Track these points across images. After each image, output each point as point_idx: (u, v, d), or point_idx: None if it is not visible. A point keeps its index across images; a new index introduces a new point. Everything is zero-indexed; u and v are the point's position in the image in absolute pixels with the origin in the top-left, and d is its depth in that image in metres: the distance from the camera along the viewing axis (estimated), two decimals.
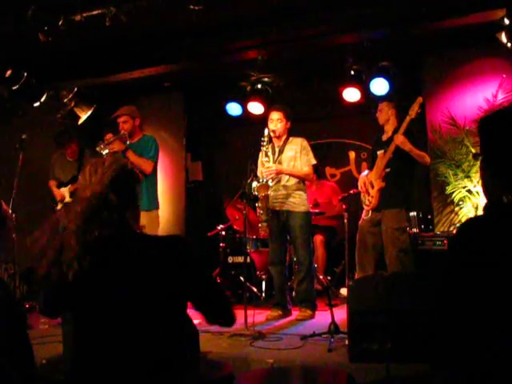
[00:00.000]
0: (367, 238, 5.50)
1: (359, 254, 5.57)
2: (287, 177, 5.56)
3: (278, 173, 5.46)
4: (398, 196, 5.39)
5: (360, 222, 5.68)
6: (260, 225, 5.52)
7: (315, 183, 7.50)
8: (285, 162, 5.57)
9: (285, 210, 5.54)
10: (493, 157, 1.80)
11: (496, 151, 1.78)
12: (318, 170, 7.38)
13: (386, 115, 5.62)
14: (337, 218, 7.24)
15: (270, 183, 5.37)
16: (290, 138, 5.69)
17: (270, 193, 5.48)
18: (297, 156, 5.60)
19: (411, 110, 5.33)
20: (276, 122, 5.59)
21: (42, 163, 7.15)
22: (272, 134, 5.55)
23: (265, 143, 5.48)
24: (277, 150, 5.66)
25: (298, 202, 5.53)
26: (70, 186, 6.73)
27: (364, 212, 5.66)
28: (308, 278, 5.51)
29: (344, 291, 6.31)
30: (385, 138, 5.66)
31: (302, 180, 5.62)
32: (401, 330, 3.26)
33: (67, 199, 6.69)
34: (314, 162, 5.63)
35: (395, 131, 5.44)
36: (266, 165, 5.46)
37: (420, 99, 5.36)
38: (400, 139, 5.27)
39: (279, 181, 5.57)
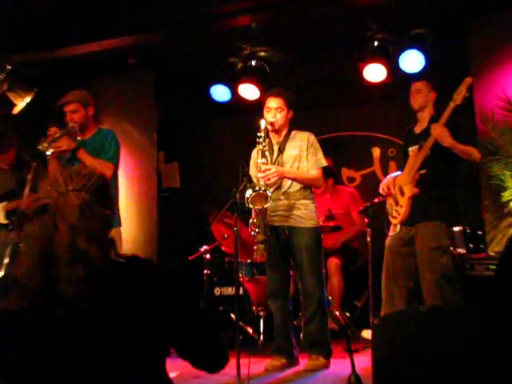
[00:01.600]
0: (396, 262, 5.47)
1: (386, 282, 5.53)
2: (289, 182, 5.52)
3: (280, 176, 5.42)
4: (436, 206, 5.36)
5: (387, 240, 5.65)
6: (255, 246, 5.48)
7: (329, 190, 7.48)
8: (287, 164, 5.53)
9: (287, 225, 5.50)
10: None
11: None
12: (333, 173, 7.38)
13: (424, 98, 5.57)
14: (357, 236, 7.22)
15: (270, 193, 5.31)
16: (293, 133, 5.65)
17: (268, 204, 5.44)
18: (302, 155, 5.56)
19: (456, 93, 5.27)
20: (274, 111, 5.56)
21: None
22: (270, 127, 5.52)
23: (261, 139, 5.44)
24: (276, 148, 5.62)
25: (304, 214, 5.50)
26: (5, 203, 6.65)
27: (391, 227, 5.62)
28: (319, 314, 5.47)
29: (367, 333, 6.26)
30: (419, 129, 5.64)
31: (308, 186, 5.59)
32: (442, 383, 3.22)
33: (1, 220, 6.62)
34: (324, 163, 5.59)
35: (433, 120, 5.41)
36: (263, 168, 5.41)
37: (468, 79, 5.31)
38: (438, 130, 5.23)
39: (279, 187, 5.53)
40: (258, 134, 5.41)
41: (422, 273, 5.30)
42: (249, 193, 5.21)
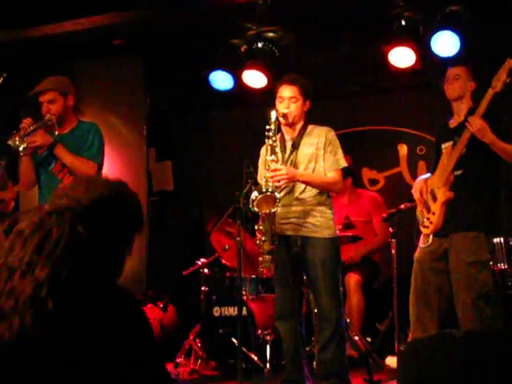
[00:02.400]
0: (427, 279, 5.46)
1: (415, 302, 5.52)
2: (303, 185, 5.51)
3: (291, 179, 5.40)
4: (474, 213, 5.32)
5: (416, 253, 5.63)
6: (261, 258, 5.48)
7: (348, 193, 7.48)
8: (301, 165, 5.52)
9: (300, 235, 5.49)
10: None
11: None
12: (352, 173, 7.38)
13: (462, 87, 5.53)
14: (380, 248, 7.23)
15: (278, 195, 5.31)
16: (310, 127, 5.63)
17: (278, 209, 5.44)
18: (319, 154, 5.53)
19: (496, 79, 5.23)
20: (288, 101, 5.54)
21: None
22: (282, 120, 5.50)
23: (271, 133, 5.42)
24: (289, 144, 5.60)
25: (320, 223, 5.48)
26: None
27: (422, 238, 5.60)
28: (336, 339, 5.45)
29: (392, 361, 6.25)
30: (454, 123, 5.60)
31: (325, 191, 5.59)
32: None
33: None
34: (343, 164, 5.57)
35: (470, 113, 5.39)
36: (272, 166, 5.40)
37: (510, 62, 5.29)
38: (477, 125, 5.20)
39: (291, 191, 5.52)
40: (268, 127, 5.37)
41: (456, 292, 5.26)
42: (254, 195, 5.18)
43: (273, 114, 5.37)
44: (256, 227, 5.41)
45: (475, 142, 5.23)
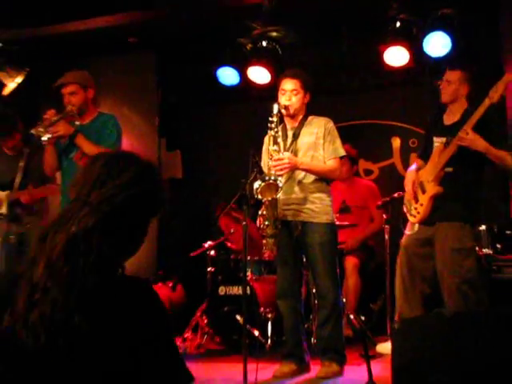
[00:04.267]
0: (412, 263, 5.50)
1: (401, 285, 5.56)
2: (303, 173, 5.50)
3: (292, 167, 5.40)
4: (461, 206, 5.36)
5: (402, 239, 5.66)
6: (265, 241, 5.49)
7: (346, 180, 7.51)
8: (300, 152, 5.53)
9: (300, 220, 5.51)
10: None
11: None
12: (355, 161, 7.57)
13: (455, 91, 5.50)
14: (375, 234, 7.25)
15: (280, 183, 5.31)
16: (310, 118, 5.65)
17: (280, 196, 5.44)
18: (318, 143, 5.55)
19: (493, 90, 5.17)
20: (290, 93, 5.55)
21: None
22: (284, 112, 5.51)
23: (273, 125, 5.42)
24: (290, 133, 5.61)
25: (319, 209, 5.49)
26: (8, 192, 6.68)
27: (408, 225, 5.62)
28: (333, 318, 5.48)
29: (383, 347, 6.11)
30: (449, 121, 5.59)
31: (324, 178, 5.59)
32: None
33: (3, 210, 6.64)
34: (342, 152, 5.58)
35: (466, 115, 5.37)
36: (275, 156, 5.40)
37: (509, 77, 5.25)
38: (467, 140, 5.13)
39: (292, 178, 5.53)
40: (270, 119, 5.39)
41: (441, 277, 5.30)
42: (258, 183, 5.19)
43: (275, 108, 5.40)
44: (259, 212, 5.44)
45: (466, 147, 5.23)
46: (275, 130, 5.40)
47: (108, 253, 1.99)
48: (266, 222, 5.39)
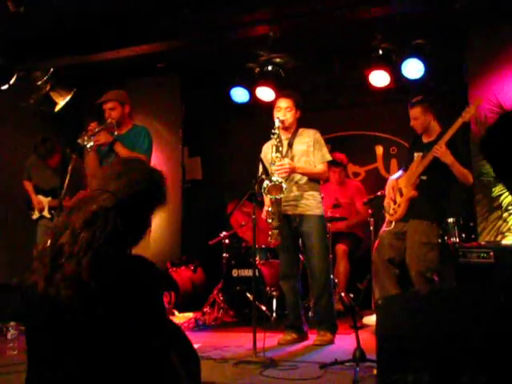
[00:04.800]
0: (386, 252, 5.56)
1: (377, 270, 5.63)
2: (299, 175, 5.57)
3: (292, 170, 5.45)
4: (430, 207, 5.46)
5: (380, 233, 5.74)
6: (270, 232, 5.50)
7: (338, 181, 7.64)
8: (296, 157, 5.60)
9: (297, 213, 5.54)
10: None
11: None
12: (344, 167, 7.69)
13: (423, 123, 5.58)
14: (360, 223, 7.26)
15: (285, 185, 5.32)
16: (300, 130, 5.72)
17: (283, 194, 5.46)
18: (309, 151, 5.62)
19: (466, 111, 5.25)
20: (284, 110, 5.61)
21: (12, 158, 7.15)
22: (280, 125, 5.56)
23: (276, 136, 5.48)
24: (285, 143, 5.65)
25: (312, 204, 5.55)
26: (50, 198, 6.71)
27: (386, 223, 5.69)
28: (326, 295, 5.50)
29: (368, 320, 6.10)
30: (426, 139, 5.68)
31: (316, 179, 5.65)
32: (441, 358, 3.23)
33: (45, 213, 6.67)
34: (329, 158, 5.68)
35: (439, 136, 5.44)
36: (277, 162, 5.44)
37: (479, 101, 5.34)
38: (440, 152, 5.27)
39: (291, 179, 5.57)
40: (273, 131, 5.48)
41: (410, 265, 5.40)
42: (266, 183, 5.24)
43: (276, 122, 5.51)
44: (265, 208, 5.51)
45: (438, 160, 5.33)
46: (277, 140, 5.49)
47: (120, 228, 2.07)
48: (272, 217, 5.42)
